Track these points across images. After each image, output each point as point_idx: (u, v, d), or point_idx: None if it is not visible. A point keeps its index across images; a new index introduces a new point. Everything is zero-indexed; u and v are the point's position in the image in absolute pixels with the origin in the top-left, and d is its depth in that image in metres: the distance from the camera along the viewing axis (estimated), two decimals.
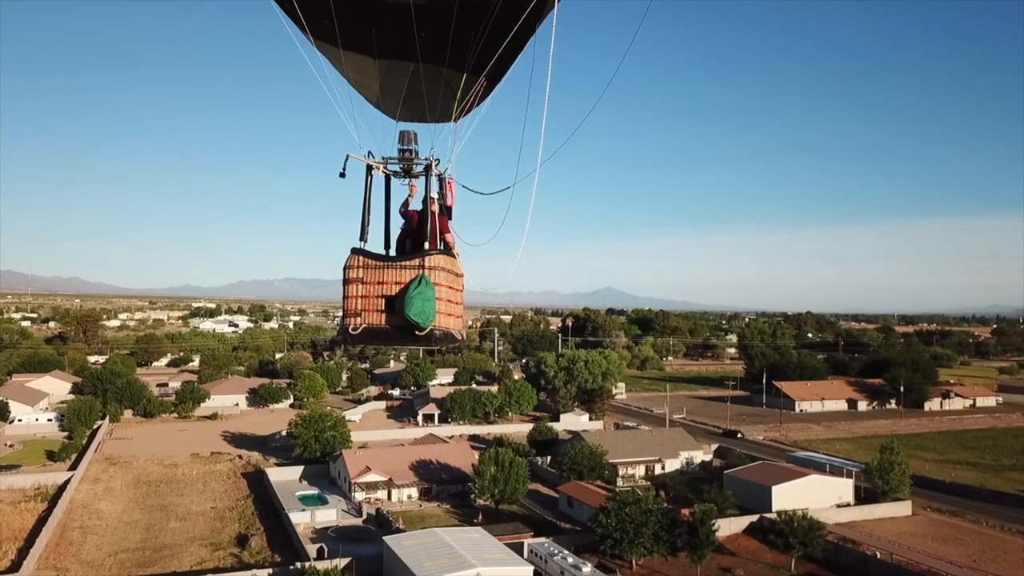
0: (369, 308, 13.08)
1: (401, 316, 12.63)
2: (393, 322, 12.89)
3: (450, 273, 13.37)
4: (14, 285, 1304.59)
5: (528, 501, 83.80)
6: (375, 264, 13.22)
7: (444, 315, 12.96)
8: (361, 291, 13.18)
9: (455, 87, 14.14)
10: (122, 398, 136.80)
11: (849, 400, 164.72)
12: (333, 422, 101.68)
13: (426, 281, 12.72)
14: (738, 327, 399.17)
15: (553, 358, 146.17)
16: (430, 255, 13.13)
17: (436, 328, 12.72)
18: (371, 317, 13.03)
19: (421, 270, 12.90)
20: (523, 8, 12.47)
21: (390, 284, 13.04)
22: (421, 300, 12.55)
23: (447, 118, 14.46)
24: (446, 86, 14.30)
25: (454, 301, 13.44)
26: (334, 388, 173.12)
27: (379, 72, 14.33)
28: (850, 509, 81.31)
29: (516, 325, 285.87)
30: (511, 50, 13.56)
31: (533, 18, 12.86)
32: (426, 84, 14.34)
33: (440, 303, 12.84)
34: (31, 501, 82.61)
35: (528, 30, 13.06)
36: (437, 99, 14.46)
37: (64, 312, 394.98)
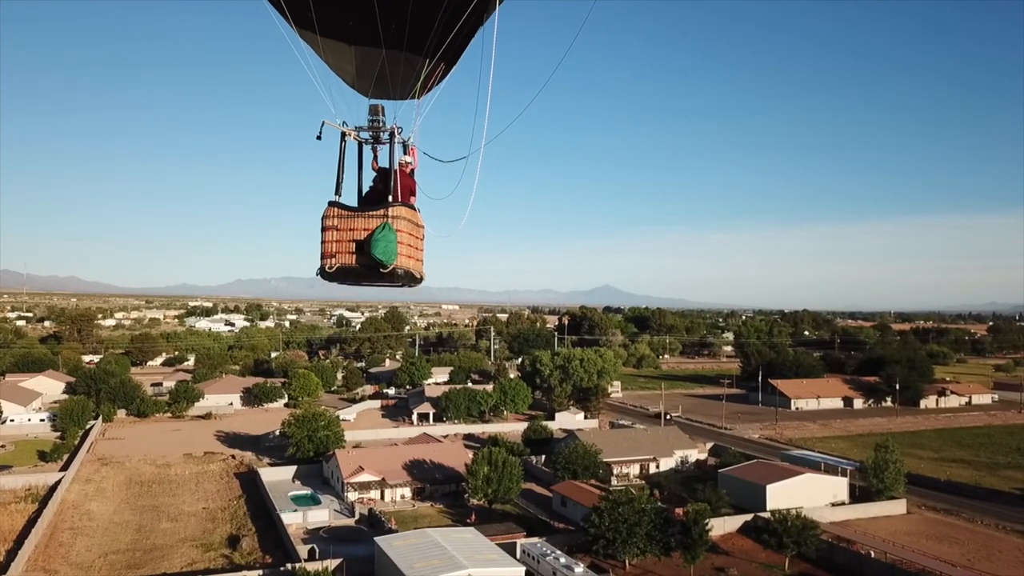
0: (342, 251, 15.29)
1: (368, 256, 14.91)
2: (362, 261, 15.13)
3: (411, 222, 15.58)
4: (10, 284, 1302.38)
5: (522, 500, 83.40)
6: (347, 214, 15.40)
7: (405, 256, 15.22)
8: (336, 236, 15.37)
9: (419, 69, 16.75)
10: (115, 398, 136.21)
11: (845, 398, 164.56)
12: (326, 422, 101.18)
13: (389, 227, 15.01)
14: (735, 325, 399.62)
15: (549, 357, 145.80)
16: (393, 206, 15.38)
17: (398, 267, 14.96)
18: (344, 258, 15.24)
19: (386, 218, 15.16)
20: (469, 4, 15.02)
21: (360, 230, 15.26)
22: (384, 242, 14.87)
23: (412, 96, 17.06)
24: (411, 68, 16.81)
25: (414, 246, 15.69)
26: (329, 387, 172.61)
27: (355, 57, 16.62)
28: (845, 508, 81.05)
29: (512, 324, 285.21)
30: (463, 39, 16.20)
31: (480, 11, 15.31)
32: (394, 67, 16.75)
33: (401, 246, 15.08)
34: (21, 502, 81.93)
35: (477, 22, 15.54)
36: (404, 80, 16.94)
37: (60, 311, 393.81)
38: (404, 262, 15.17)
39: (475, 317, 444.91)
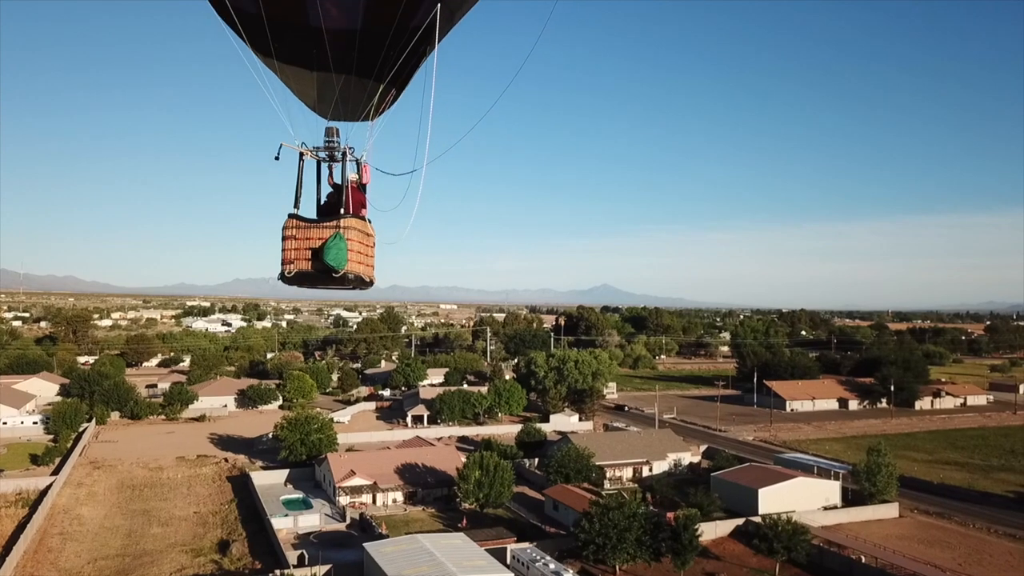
0: (300, 258, 17.12)
1: (322, 262, 16.67)
2: (317, 267, 16.89)
3: (361, 232, 17.38)
4: (8, 284, 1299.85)
5: (514, 504, 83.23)
6: (305, 225, 17.22)
7: (355, 263, 16.97)
8: (294, 245, 17.20)
9: (372, 95, 18.69)
10: (109, 400, 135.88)
11: (840, 399, 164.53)
12: (319, 425, 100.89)
13: (341, 237, 16.76)
14: (732, 324, 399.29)
15: (544, 358, 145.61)
16: (344, 218, 17.19)
17: (348, 272, 16.76)
18: (301, 264, 17.06)
19: (338, 229, 16.92)
20: (412, 39, 17.38)
21: (315, 239, 17.08)
22: (336, 250, 16.63)
23: (366, 118, 18.99)
24: (365, 93, 18.75)
25: (364, 253, 17.49)
26: (324, 389, 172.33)
27: (316, 83, 18.41)
28: (837, 511, 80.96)
29: (509, 324, 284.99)
30: (410, 69, 18.43)
31: (423, 46, 17.59)
32: (351, 92, 18.66)
33: (352, 253, 16.85)
34: (12, 507, 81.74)
35: (422, 55, 17.83)
36: (359, 103, 18.87)
37: (56, 311, 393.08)
38: (354, 267, 16.99)
39: (472, 317, 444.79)
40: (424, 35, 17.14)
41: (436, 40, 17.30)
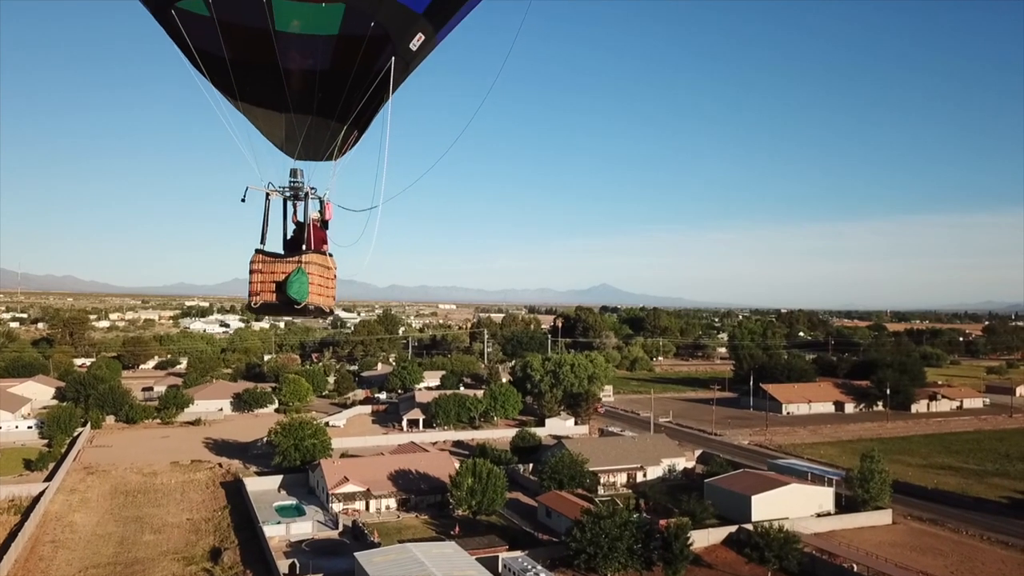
0: (265, 290, 18.66)
1: (285, 294, 18.21)
2: (281, 299, 18.41)
3: (321, 267, 18.92)
4: (6, 284, 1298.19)
5: (507, 511, 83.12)
6: (270, 260, 18.79)
7: (315, 295, 18.52)
8: (260, 278, 18.72)
9: (336, 135, 20.06)
10: (104, 404, 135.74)
11: (836, 402, 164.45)
12: (313, 430, 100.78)
13: (302, 271, 18.36)
14: (730, 325, 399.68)
15: (539, 361, 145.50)
16: (306, 254, 18.78)
17: (309, 304, 18.36)
18: (266, 296, 18.60)
19: (299, 264, 18.49)
20: (374, 82, 18.93)
21: (279, 273, 18.59)
22: (297, 284, 18.20)
23: (330, 158, 20.45)
24: (329, 134, 20.11)
25: (325, 286, 18.94)
26: (320, 392, 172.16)
27: (284, 124, 19.77)
28: (830, 518, 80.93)
29: (507, 326, 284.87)
30: (369, 113, 19.98)
31: (380, 94, 19.22)
32: (317, 133, 20.00)
33: (312, 286, 18.40)
34: (4, 514, 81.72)
35: (380, 102, 19.46)
36: (324, 144, 20.26)
37: (54, 312, 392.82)
38: (314, 299, 18.54)
39: (470, 318, 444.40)
40: (383, 81, 18.76)
41: (391, 90, 18.99)
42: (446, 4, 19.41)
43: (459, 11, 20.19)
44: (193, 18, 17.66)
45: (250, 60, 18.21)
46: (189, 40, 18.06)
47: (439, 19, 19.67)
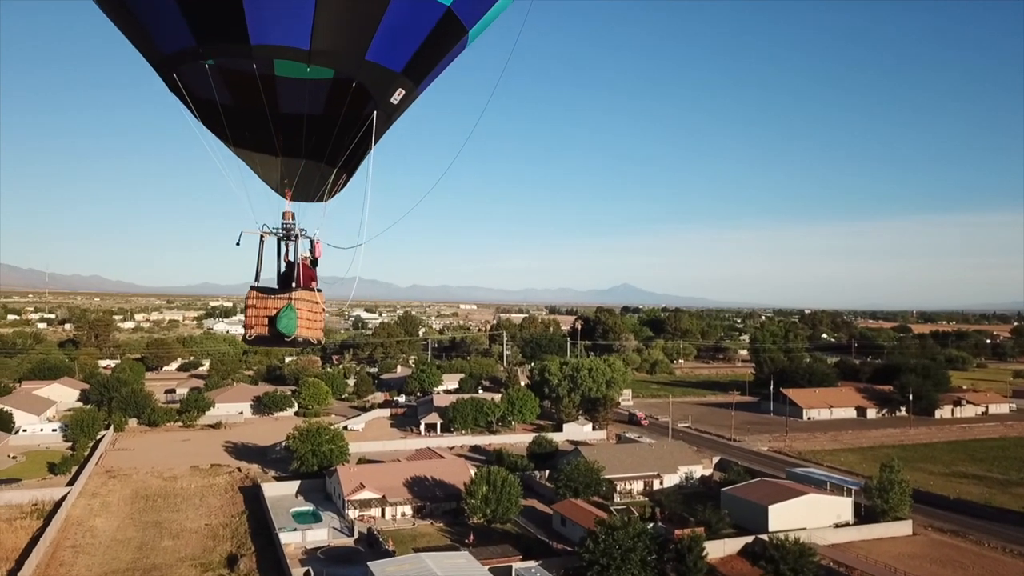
0: (259, 324, 20.79)
1: (275, 328, 20.40)
2: (272, 332, 20.52)
3: (309, 302, 20.92)
4: (35, 283, 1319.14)
5: (522, 519, 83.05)
6: (263, 296, 20.92)
7: (303, 328, 20.60)
8: (254, 313, 20.86)
9: (326, 178, 22.09)
10: (127, 407, 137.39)
11: (858, 408, 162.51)
12: (331, 435, 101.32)
13: (291, 307, 20.50)
14: (752, 327, 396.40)
15: (557, 366, 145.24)
16: (295, 291, 20.83)
17: (298, 337, 20.52)
18: (260, 329, 20.76)
19: (289, 300, 20.57)
20: (359, 131, 20.75)
21: (271, 308, 20.66)
22: (286, 319, 20.35)
23: (320, 199, 22.57)
24: (320, 178, 22.11)
25: (312, 320, 20.94)
26: (339, 395, 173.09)
27: (280, 167, 21.71)
28: (848, 529, 79.98)
29: (526, 327, 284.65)
30: (357, 159, 21.99)
31: (365, 143, 21.15)
32: (309, 176, 21.98)
33: (301, 320, 20.49)
34: (27, 518, 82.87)
35: (366, 149, 21.47)
36: (315, 186, 22.29)
37: (80, 313, 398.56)
38: (303, 332, 20.62)
39: (489, 321, 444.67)
40: (369, 129, 20.65)
41: (373, 140, 20.91)
42: (423, 62, 20.99)
43: (436, 67, 21.97)
44: (195, 68, 19.31)
45: (250, 105, 19.77)
46: (191, 90, 19.91)
47: (417, 75, 21.26)
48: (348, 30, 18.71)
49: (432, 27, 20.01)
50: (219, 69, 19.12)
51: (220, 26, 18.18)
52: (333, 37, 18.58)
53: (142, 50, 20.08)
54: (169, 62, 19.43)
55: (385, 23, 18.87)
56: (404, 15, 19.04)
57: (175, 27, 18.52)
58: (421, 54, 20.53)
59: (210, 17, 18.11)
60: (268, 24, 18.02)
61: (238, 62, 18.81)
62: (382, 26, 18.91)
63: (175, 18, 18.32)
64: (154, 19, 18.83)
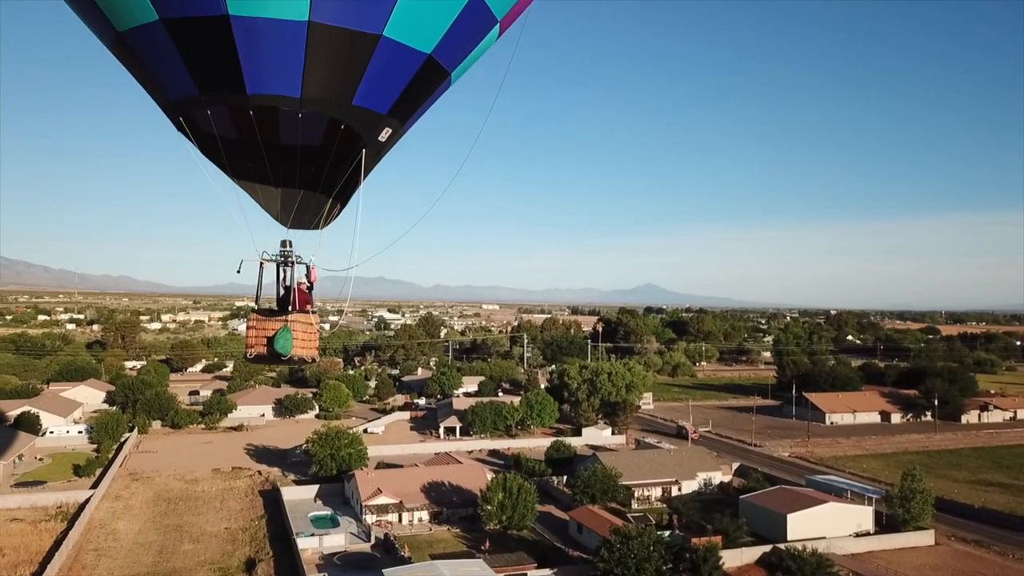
0: (258, 343, 22.85)
1: (272, 348, 22.47)
2: (270, 351, 22.58)
3: (304, 324, 23.10)
4: (65, 284, 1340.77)
5: (539, 525, 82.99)
6: (263, 318, 23.03)
7: (299, 348, 22.78)
8: (254, 333, 22.90)
9: (322, 206, 24.09)
10: (151, 409, 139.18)
11: (882, 412, 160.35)
12: (349, 439, 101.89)
13: (287, 329, 22.58)
14: (776, 328, 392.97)
15: (576, 370, 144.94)
16: (291, 314, 22.97)
17: (293, 355, 22.81)
18: (259, 348, 22.84)
19: (285, 322, 22.69)
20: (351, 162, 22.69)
21: (269, 330, 22.75)
22: (283, 340, 22.43)
23: (317, 227, 24.55)
24: (316, 206, 24.06)
25: (307, 339, 23.10)
26: (360, 397, 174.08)
27: (279, 196, 23.66)
28: (869, 539, 78.99)
29: (547, 329, 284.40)
30: (350, 190, 23.88)
31: (356, 176, 22.99)
32: (307, 205, 23.86)
33: (296, 340, 22.67)
34: (51, 520, 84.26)
35: (358, 181, 23.34)
36: (312, 214, 24.23)
37: (108, 314, 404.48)
38: (298, 352, 22.88)
39: (510, 323, 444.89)
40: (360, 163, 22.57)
41: (362, 175, 22.83)
42: (408, 103, 22.69)
43: (421, 106, 23.69)
44: (200, 111, 21.29)
45: (253, 137, 21.34)
46: (198, 127, 21.71)
47: (403, 115, 23.00)
48: (335, 79, 20.56)
49: (414, 72, 21.62)
50: (224, 108, 21.14)
51: (219, 78, 20.23)
52: (322, 86, 20.48)
53: (152, 94, 22.16)
54: (175, 107, 21.57)
55: (370, 71, 20.63)
56: (387, 63, 20.67)
57: (180, 78, 20.62)
58: (406, 96, 22.21)
59: (210, 70, 20.21)
60: (263, 76, 20.01)
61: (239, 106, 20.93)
62: (367, 74, 20.69)
63: (180, 70, 20.40)
64: (161, 70, 20.95)
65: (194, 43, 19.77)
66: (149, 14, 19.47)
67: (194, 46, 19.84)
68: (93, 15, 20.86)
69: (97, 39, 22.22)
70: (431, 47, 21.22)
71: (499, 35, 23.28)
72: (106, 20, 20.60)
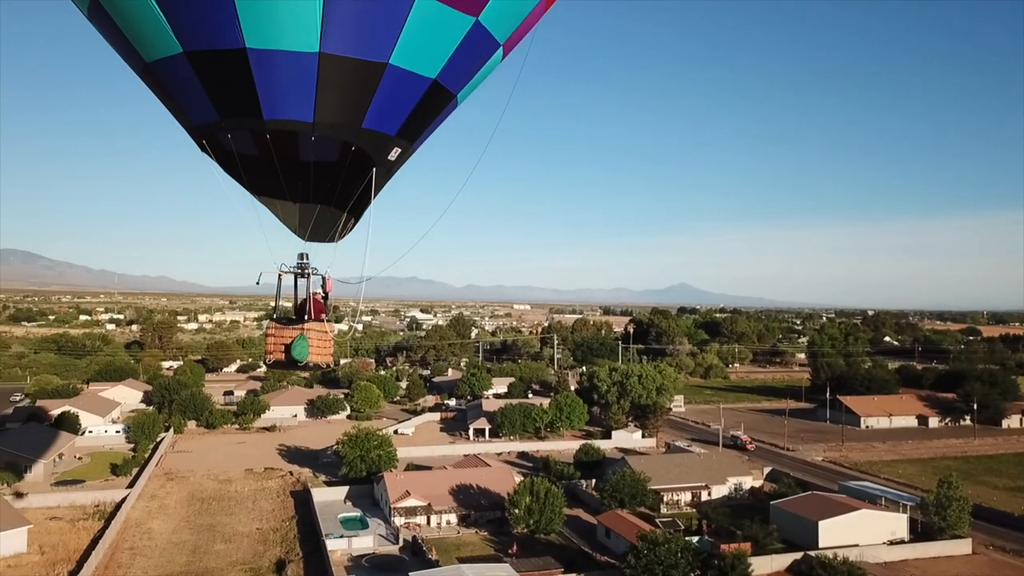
0: (276, 350, 24.87)
1: (289, 355, 24.41)
2: (288, 358, 24.49)
3: (319, 332, 25.01)
4: (106, 284, 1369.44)
5: (567, 529, 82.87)
6: (280, 327, 24.99)
7: (314, 355, 24.70)
8: (273, 341, 24.93)
9: (337, 220, 25.70)
10: (186, 409, 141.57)
11: (919, 416, 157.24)
12: (379, 441, 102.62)
13: (303, 337, 24.49)
14: (811, 329, 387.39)
15: (606, 372, 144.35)
16: (306, 323, 24.93)
17: (309, 362, 24.67)
18: (277, 355, 24.85)
19: (302, 331, 24.58)
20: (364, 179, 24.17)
21: (287, 337, 24.63)
22: (299, 347, 24.35)
23: (332, 240, 26.28)
24: (331, 221, 25.69)
25: (322, 346, 24.98)
26: (391, 398, 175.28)
27: (297, 211, 25.46)
28: (903, 547, 77.53)
29: (578, 330, 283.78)
30: (363, 205, 25.47)
31: (367, 195, 24.63)
32: (323, 219, 25.52)
33: (312, 347, 24.58)
34: (89, 519, 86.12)
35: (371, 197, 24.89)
36: (328, 228, 25.86)
37: (147, 315, 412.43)
38: (314, 358, 24.79)
39: (541, 323, 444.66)
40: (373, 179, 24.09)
41: (373, 192, 24.23)
42: (415, 125, 23.69)
43: (429, 127, 24.76)
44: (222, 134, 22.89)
45: (273, 155, 22.81)
46: (221, 147, 23.33)
47: (411, 135, 24.14)
48: (346, 105, 21.99)
49: (420, 96, 22.85)
50: (244, 132, 22.80)
51: (238, 105, 21.86)
52: (333, 111, 21.92)
53: (177, 118, 23.78)
54: (198, 131, 23.39)
55: (378, 97, 22.01)
56: (394, 89, 21.97)
57: (202, 104, 22.33)
58: (413, 119, 23.48)
59: (229, 98, 21.87)
60: (278, 102, 21.52)
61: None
62: (375, 99, 22.08)
63: (202, 98, 22.08)
64: (185, 97, 22.71)
65: (214, 73, 21.35)
66: (173, 47, 20.97)
67: (214, 76, 21.44)
68: (123, 46, 22.44)
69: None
70: (435, 72, 22.41)
71: (503, 57, 24.26)
72: (135, 51, 22.16)
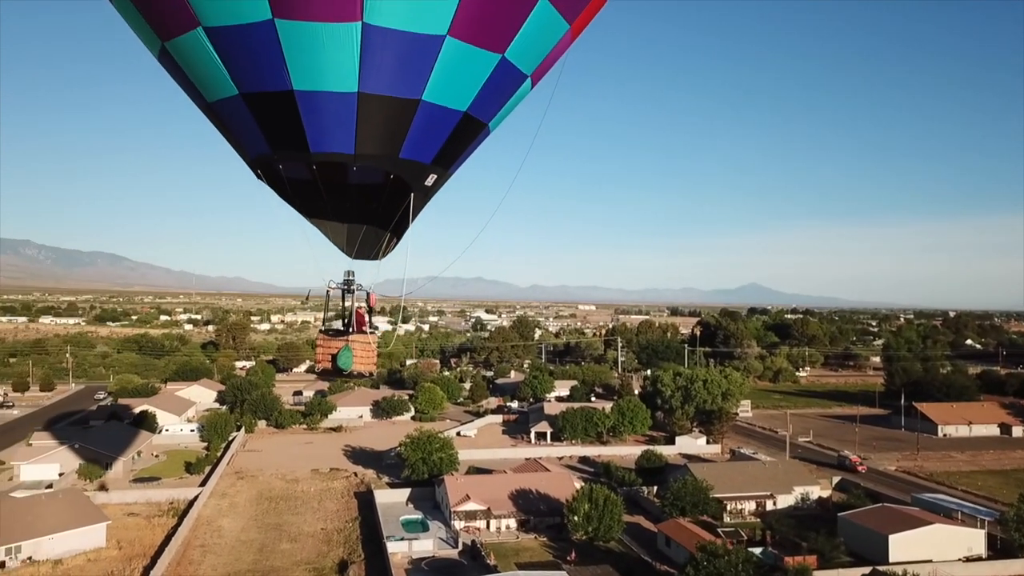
0: (324, 359, 27.47)
1: (335, 364, 26.94)
2: (335, 367, 27.05)
3: (363, 344, 27.45)
4: (185, 285, 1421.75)
5: (626, 537, 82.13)
6: (328, 339, 27.57)
7: (358, 364, 27.10)
8: (321, 351, 27.51)
9: (381, 239, 28.29)
10: (257, 409, 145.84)
11: (1002, 425, 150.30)
12: (441, 444, 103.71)
13: (348, 348, 26.97)
14: (887, 331, 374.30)
15: (670, 376, 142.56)
16: (351, 335, 27.49)
17: (353, 371, 27.24)
18: (325, 364, 27.46)
19: (346, 342, 27.12)
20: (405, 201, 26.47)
21: (334, 348, 27.20)
22: (344, 358, 26.80)
23: (376, 257, 28.82)
24: (375, 239, 28.27)
25: (365, 357, 27.36)
26: (455, 399, 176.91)
27: (345, 231, 28.24)
28: (980, 564, 74.32)
29: (642, 332, 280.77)
30: (404, 225, 27.69)
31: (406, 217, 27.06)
32: (368, 238, 28.16)
33: (356, 358, 26.95)
34: (163, 516, 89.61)
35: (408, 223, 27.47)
36: (372, 246, 28.51)
37: (223, 315, 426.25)
38: (357, 367, 27.29)
39: (610, 319, 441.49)
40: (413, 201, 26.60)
41: (411, 216, 26.66)
42: (450, 153, 25.97)
43: (463, 154, 26.92)
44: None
45: (324, 178, 25.35)
46: (277, 174, 25.78)
47: (446, 163, 26.44)
48: (383, 138, 24.21)
49: (453, 128, 24.92)
50: (296, 163, 25.43)
51: (287, 140, 24.40)
52: (372, 144, 24.18)
53: (237, 151, 26.95)
54: (255, 163, 26.21)
55: (413, 130, 24.15)
56: (428, 122, 24.07)
57: (256, 139, 25.14)
58: (447, 148, 25.59)
59: (279, 132, 24.43)
60: (323, 137, 23.98)
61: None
62: (411, 132, 24.25)
63: (256, 133, 24.88)
64: (242, 133, 25.65)
65: (266, 112, 24.14)
66: (231, 89, 23.93)
67: (266, 115, 24.22)
68: (188, 87, 25.58)
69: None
70: (466, 105, 24.53)
71: (532, 86, 26.24)
72: (198, 93, 25.18)
